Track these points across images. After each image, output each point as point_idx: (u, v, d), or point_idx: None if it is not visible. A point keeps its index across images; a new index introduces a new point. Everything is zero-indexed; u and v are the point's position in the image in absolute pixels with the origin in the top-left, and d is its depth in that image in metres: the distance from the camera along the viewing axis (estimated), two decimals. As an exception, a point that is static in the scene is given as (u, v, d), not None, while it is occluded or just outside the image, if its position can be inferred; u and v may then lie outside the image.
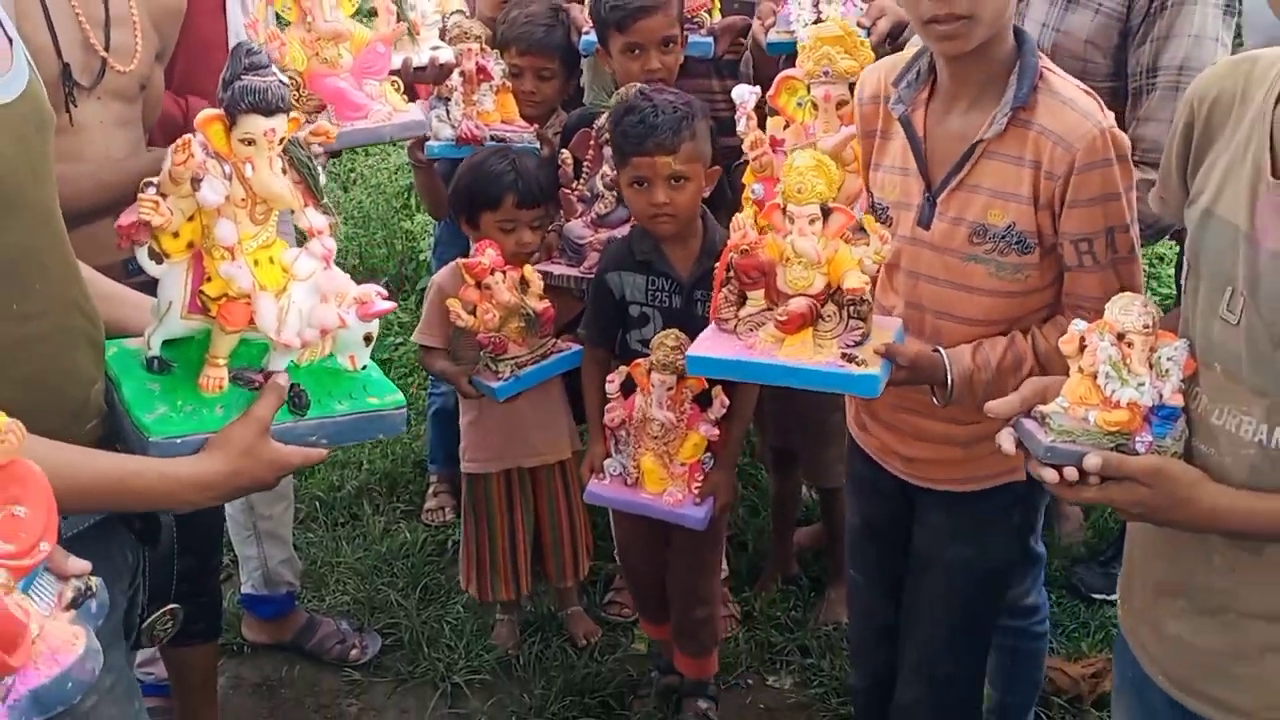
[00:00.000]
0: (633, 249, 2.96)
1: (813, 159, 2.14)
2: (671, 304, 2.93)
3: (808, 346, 2.16)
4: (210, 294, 1.65)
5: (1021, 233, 2.12)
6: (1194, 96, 1.77)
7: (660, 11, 3.10)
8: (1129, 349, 1.72)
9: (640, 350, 2.93)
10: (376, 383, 1.82)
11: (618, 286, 2.97)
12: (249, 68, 1.60)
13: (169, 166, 1.59)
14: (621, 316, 3.00)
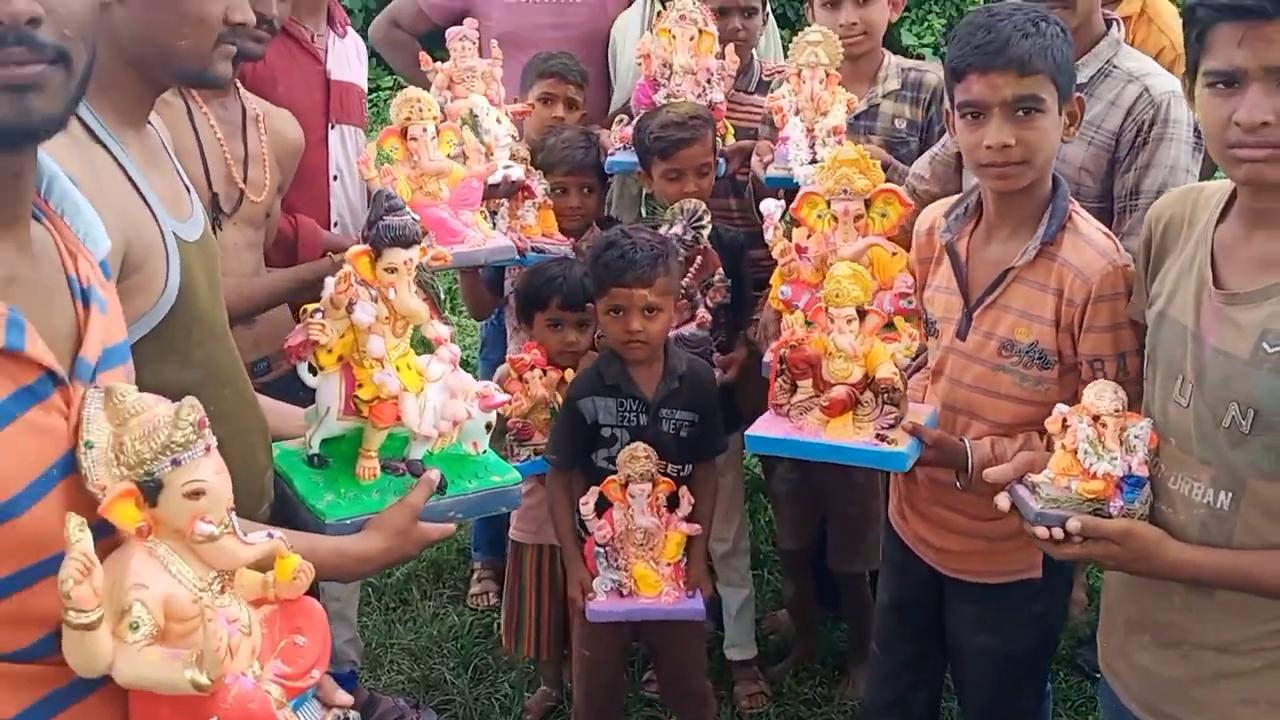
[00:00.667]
0: (602, 374, 3.12)
1: (850, 269, 2.53)
2: (638, 422, 3.09)
3: (849, 428, 2.51)
4: (363, 398, 1.98)
5: (1044, 350, 2.41)
6: (1152, 217, 2.19)
7: (698, 143, 3.42)
8: (1103, 429, 2.09)
9: (606, 468, 3.07)
10: (496, 464, 2.15)
11: (590, 411, 3.11)
12: (389, 210, 1.96)
13: (330, 294, 1.94)
14: (592, 439, 3.13)
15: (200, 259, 1.87)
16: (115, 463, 1.30)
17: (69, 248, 1.39)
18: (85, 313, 1.37)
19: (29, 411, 1.25)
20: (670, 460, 3.04)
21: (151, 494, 1.32)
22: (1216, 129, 1.89)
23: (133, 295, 1.67)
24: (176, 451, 1.32)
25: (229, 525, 1.37)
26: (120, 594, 1.29)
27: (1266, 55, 1.80)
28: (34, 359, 1.26)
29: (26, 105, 1.21)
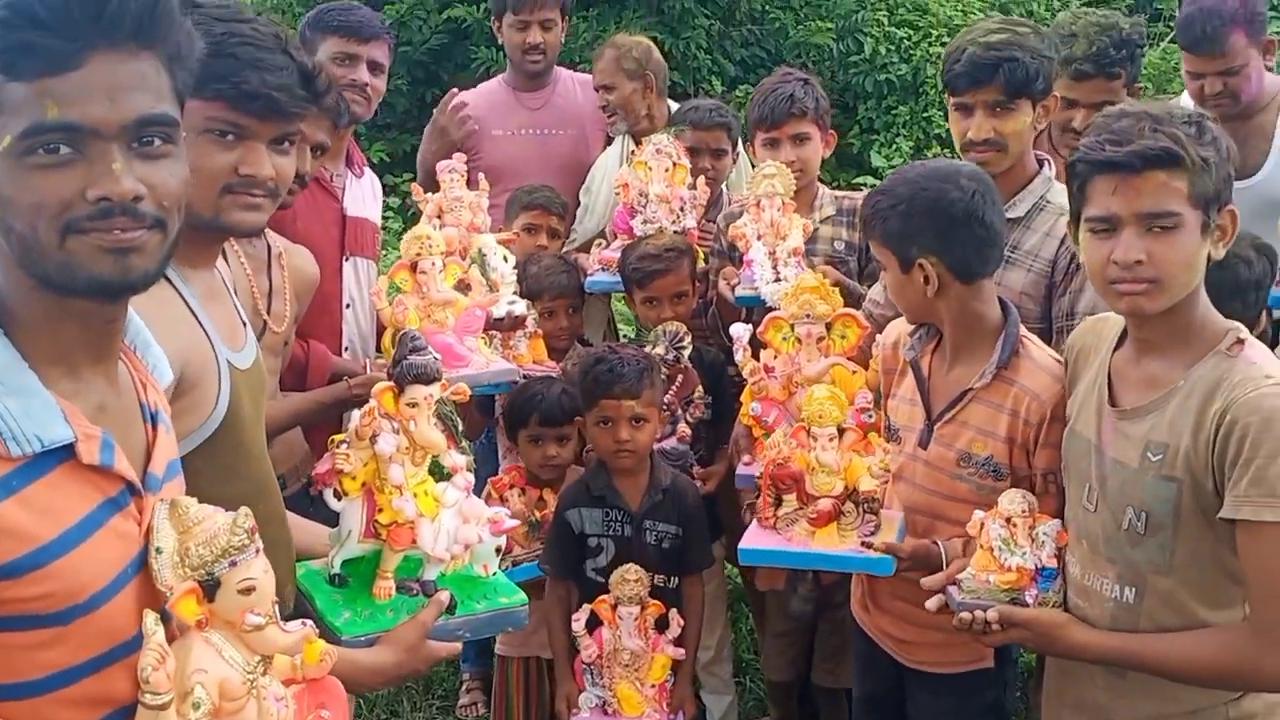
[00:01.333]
0: (589, 486, 3.28)
1: (828, 392, 2.78)
2: (623, 533, 3.23)
3: (834, 537, 2.73)
4: (382, 522, 2.15)
5: (998, 464, 2.63)
6: (1068, 347, 2.51)
7: (673, 273, 3.68)
8: (1014, 528, 2.39)
9: (595, 579, 3.22)
10: (504, 586, 2.30)
11: (577, 522, 3.26)
12: (413, 350, 2.14)
13: (356, 426, 2.11)
14: (580, 549, 3.27)
15: (248, 385, 2.07)
16: (180, 565, 1.49)
17: (141, 378, 1.60)
18: (154, 433, 1.58)
19: (112, 519, 1.45)
20: (655, 571, 3.17)
21: (210, 591, 1.51)
22: (1098, 268, 2.17)
23: (186, 413, 1.88)
24: (233, 554, 1.51)
25: (273, 616, 1.56)
26: (183, 678, 1.47)
27: (1137, 203, 2.09)
28: (119, 474, 1.46)
29: (128, 264, 1.41)
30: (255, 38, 2.01)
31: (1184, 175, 2.07)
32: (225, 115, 1.98)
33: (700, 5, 9.55)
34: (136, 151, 1.39)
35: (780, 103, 3.70)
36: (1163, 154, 2.06)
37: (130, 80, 1.38)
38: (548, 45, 4.43)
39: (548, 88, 4.56)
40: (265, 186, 2.04)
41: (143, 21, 1.38)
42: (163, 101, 1.42)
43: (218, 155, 1.99)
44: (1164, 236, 2.09)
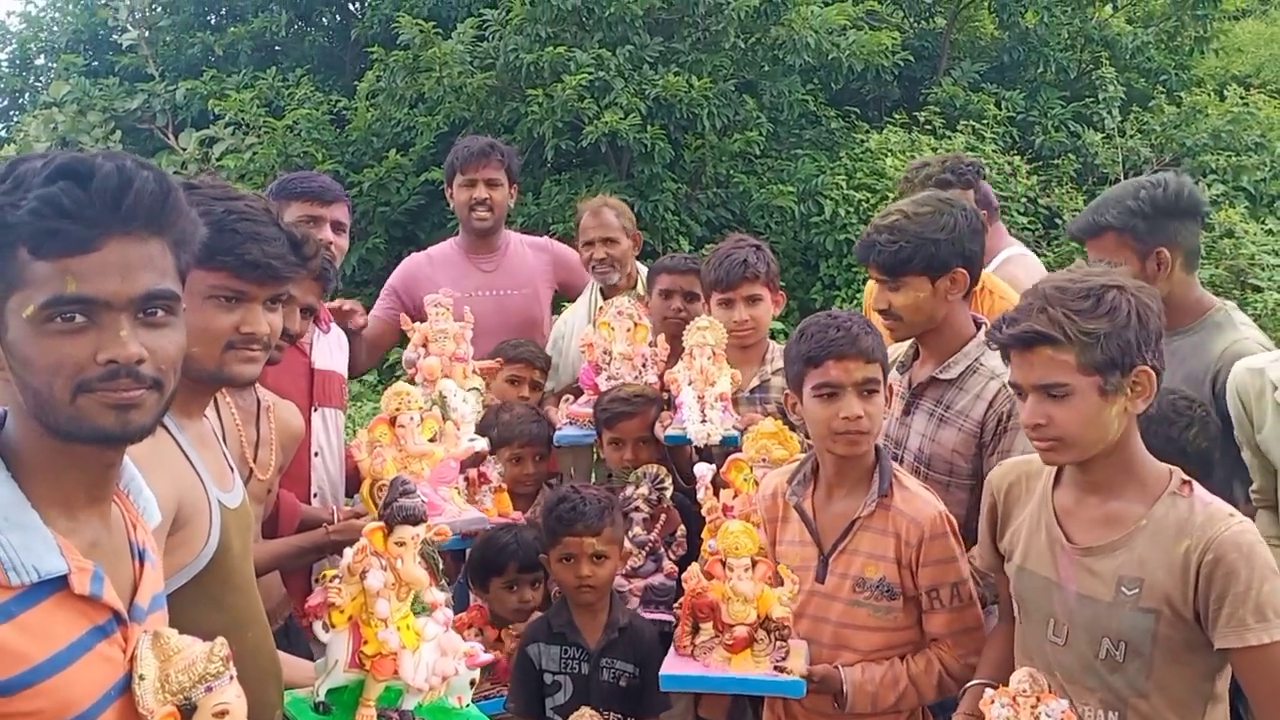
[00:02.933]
0: (550, 623, 3.41)
1: (742, 527, 2.98)
2: (580, 670, 3.29)
3: (749, 662, 2.90)
4: (367, 652, 2.30)
5: (890, 584, 2.87)
6: (993, 485, 2.71)
7: (638, 417, 3.90)
8: (1018, 707, 2.47)
9: (554, 718, 3.31)
10: (474, 716, 2.44)
11: (536, 658, 3.33)
12: (403, 493, 2.33)
13: (348, 563, 2.28)
14: (539, 685, 3.32)
15: (236, 523, 2.25)
16: (161, 690, 1.64)
17: (132, 519, 1.79)
18: (140, 569, 1.75)
19: (99, 645, 1.61)
20: (613, 711, 3.26)
21: (188, 714, 1.66)
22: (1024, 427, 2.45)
23: (180, 548, 2.08)
24: (209, 680, 1.67)
25: None
26: None
27: (1031, 375, 2.37)
28: (107, 604, 1.63)
29: (128, 419, 1.62)
30: (251, 213, 2.26)
31: (1069, 349, 2.31)
32: (229, 283, 2.23)
33: (668, 170, 9.97)
34: (142, 321, 1.61)
35: (735, 267, 3.96)
36: (1038, 336, 2.33)
37: (140, 261, 1.60)
38: (494, 203, 4.68)
39: (499, 250, 4.82)
40: (262, 341, 2.27)
41: (154, 213, 1.61)
42: (167, 278, 1.64)
43: (222, 317, 2.22)
44: (1059, 403, 2.34)
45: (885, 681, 2.86)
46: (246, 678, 2.21)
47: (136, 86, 11.46)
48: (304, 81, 11.15)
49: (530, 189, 9.86)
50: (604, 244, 4.54)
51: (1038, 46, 11.68)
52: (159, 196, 1.61)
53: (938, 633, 2.88)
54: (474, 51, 9.82)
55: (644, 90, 9.55)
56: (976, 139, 10.64)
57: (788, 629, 2.92)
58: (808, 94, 10.84)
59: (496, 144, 4.77)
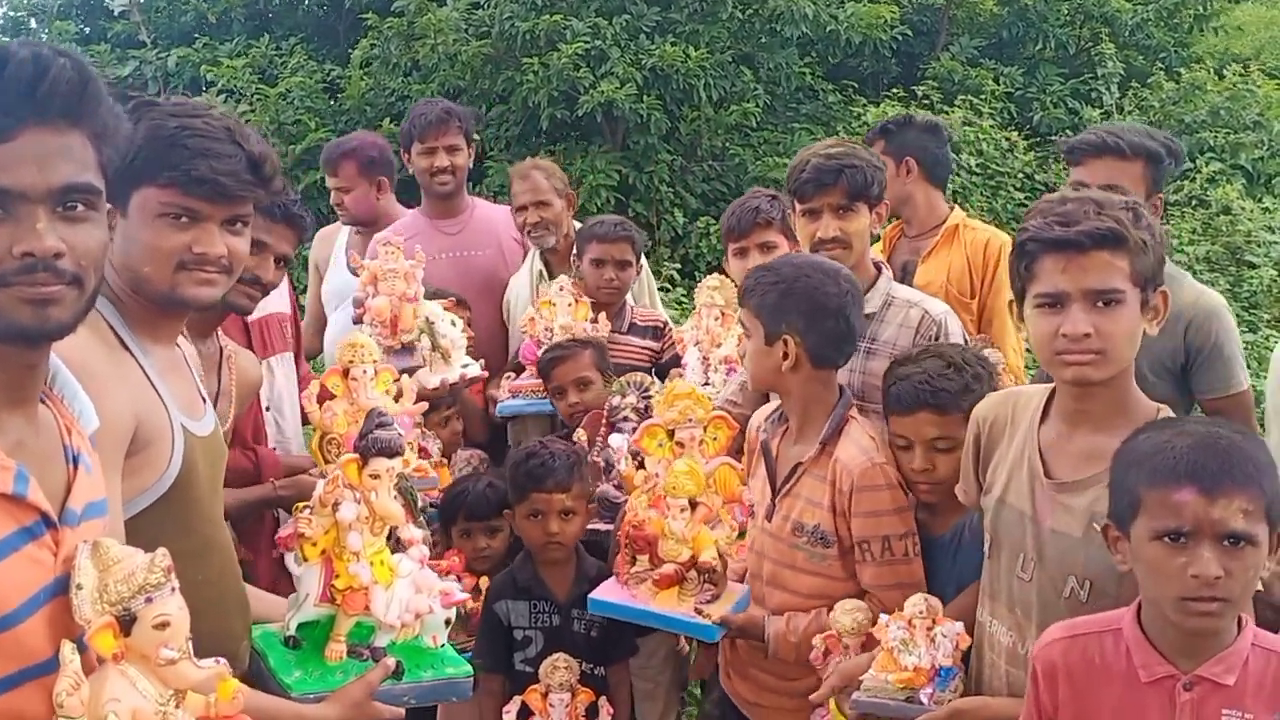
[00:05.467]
0: (515, 578, 3.39)
1: (688, 467, 2.95)
2: (551, 623, 3.35)
3: (674, 599, 2.93)
4: (338, 587, 2.26)
5: (824, 531, 2.84)
6: (978, 417, 2.59)
7: (572, 360, 3.89)
8: (913, 629, 2.51)
9: (525, 670, 3.30)
10: (452, 658, 2.41)
11: (505, 615, 3.37)
12: (378, 425, 2.28)
13: (319, 493, 2.24)
14: (509, 641, 3.33)
15: (204, 451, 2.21)
16: (99, 600, 1.59)
17: (66, 423, 1.73)
18: (74, 472, 1.70)
19: (26, 546, 1.56)
20: (585, 660, 3.25)
21: (127, 625, 1.60)
22: (1045, 340, 2.28)
23: (142, 469, 2.04)
24: (150, 591, 1.61)
25: (186, 651, 1.65)
26: (97, 706, 1.56)
27: (1084, 280, 2.21)
28: (33, 504, 1.58)
29: (46, 315, 1.57)
30: (205, 130, 2.18)
31: (1126, 255, 2.20)
32: (178, 200, 2.15)
33: (663, 141, 9.89)
34: (60, 215, 1.56)
35: (746, 214, 3.92)
36: (1109, 234, 2.19)
37: (58, 152, 1.56)
38: (455, 167, 4.65)
39: (464, 213, 4.78)
40: (218, 264, 2.19)
41: (72, 102, 1.56)
42: (87, 172, 1.60)
43: (172, 236, 2.15)
44: (1108, 311, 2.20)
45: (808, 631, 2.82)
46: (213, 606, 2.18)
47: (128, 53, 11.32)
48: (297, 50, 11.03)
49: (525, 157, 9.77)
50: (536, 207, 4.49)
51: (1037, 22, 11.60)
52: (76, 85, 1.56)
53: (867, 585, 2.84)
54: (469, 19, 9.73)
55: (640, 60, 9.47)
56: (974, 114, 10.59)
57: (717, 574, 2.92)
58: (805, 67, 10.77)
59: (453, 108, 4.74)
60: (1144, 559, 2.03)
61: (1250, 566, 1.96)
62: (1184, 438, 2.02)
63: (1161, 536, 1.98)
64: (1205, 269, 8.89)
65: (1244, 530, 1.94)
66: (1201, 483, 1.95)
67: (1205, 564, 1.93)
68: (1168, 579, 1.98)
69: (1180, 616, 1.98)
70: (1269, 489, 1.97)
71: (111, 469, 1.94)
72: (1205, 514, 1.94)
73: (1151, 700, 2.06)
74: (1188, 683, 2.03)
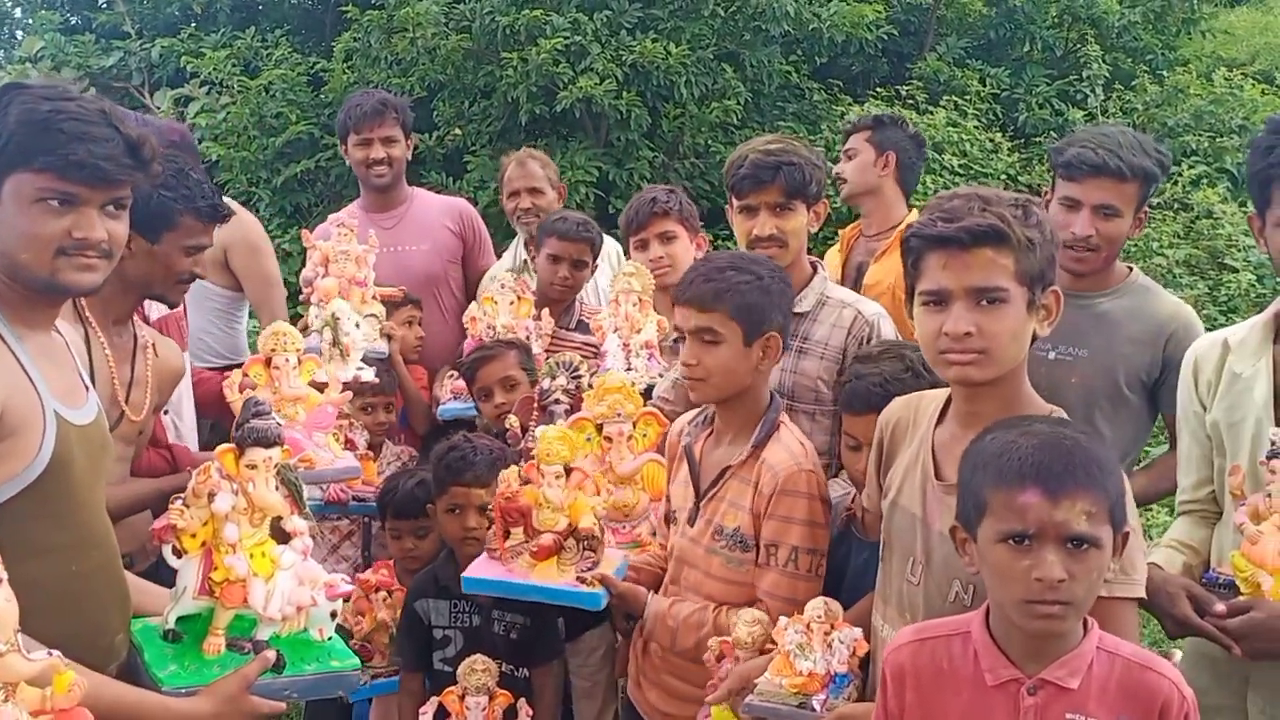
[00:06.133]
0: (437, 576, 3.37)
1: (559, 432, 2.95)
2: (471, 623, 3.32)
3: (553, 570, 2.89)
4: (216, 579, 2.23)
5: (744, 535, 2.81)
6: (882, 422, 2.56)
7: (498, 360, 3.89)
8: (810, 633, 2.46)
9: (444, 670, 3.28)
10: (339, 650, 2.38)
11: (425, 613, 3.35)
12: (255, 414, 2.26)
13: (193, 484, 2.21)
14: (429, 640, 3.36)
15: (83, 440, 2.18)
16: None
17: None
18: None
19: None
20: (505, 661, 3.20)
21: None
22: (930, 338, 2.25)
23: (8, 457, 2.03)
24: None
25: (14, 644, 1.62)
26: None
27: (966, 278, 2.18)
28: None
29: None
30: (80, 113, 2.15)
31: (1010, 253, 2.16)
32: (55, 185, 2.12)
33: (645, 138, 9.84)
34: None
35: (644, 205, 4.01)
36: (989, 231, 2.16)
37: None
38: (392, 159, 4.67)
39: (402, 206, 4.79)
40: (98, 248, 2.17)
41: None
42: None
43: (51, 221, 2.13)
44: (991, 310, 2.18)
45: (689, 622, 2.79)
46: (87, 599, 2.15)
47: (113, 44, 11.28)
48: (282, 42, 10.99)
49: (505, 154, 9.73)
50: (530, 194, 4.55)
51: (1024, 24, 11.51)
52: None
53: (762, 591, 2.77)
54: (449, 13, 9.67)
55: (621, 56, 9.41)
56: (959, 114, 10.52)
57: (596, 540, 2.87)
58: (790, 65, 10.70)
59: (389, 100, 4.75)
60: (989, 561, 2.00)
61: (1094, 569, 1.95)
62: (1029, 438, 1.99)
63: (1006, 539, 1.96)
64: (1185, 272, 8.84)
65: (1087, 533, 1.92)
66: (1045, 485, 1.93)
67: (1049, 566, 1.91)
68: (1012, 581, 1.95)
69: (1024, 619, 1.96)
70: (1113, 490, 1.96)
71: None
72: (1049, 516, 1.92)
73: (997, 704, 2.03)
74: (1032, 686, 2.01)
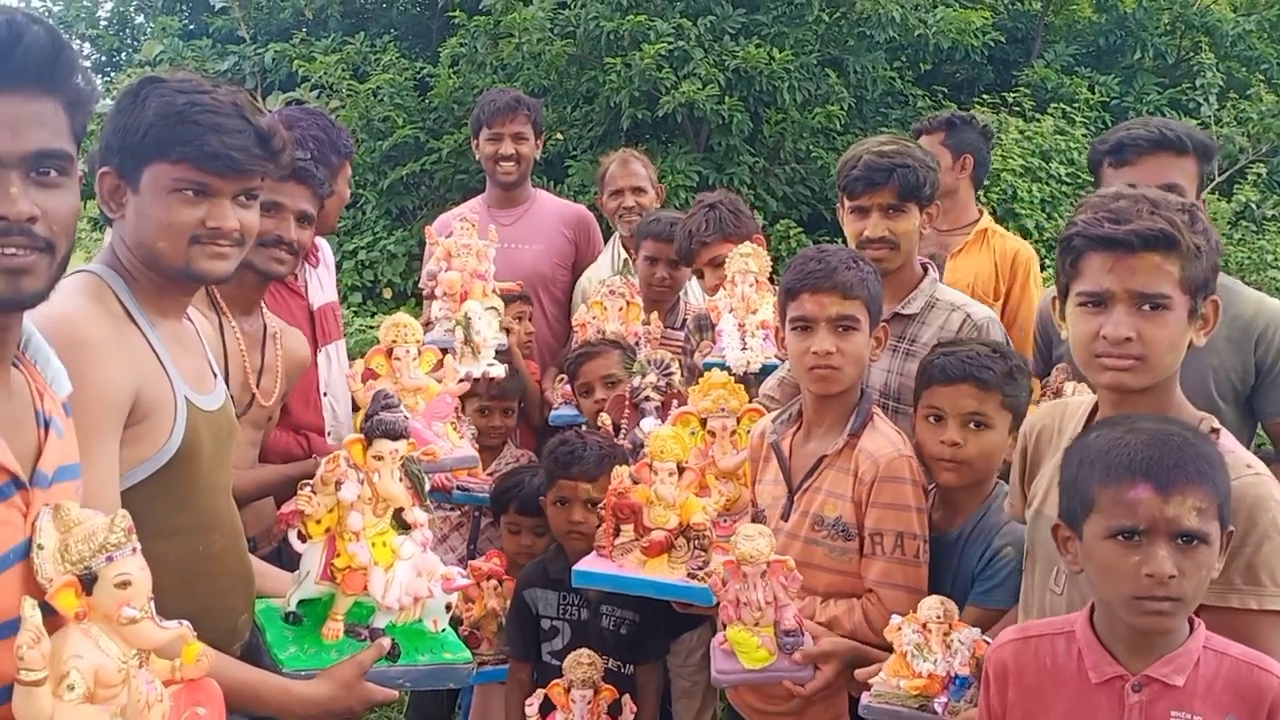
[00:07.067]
0: (547, 568, 3.41)
1: (672, 431, 2.96)
2: (579, 616, 3.35)
3: (664, 567, 2.91)
4: (338, 566, 2.28)
5: (846, 524, 2.80)
6: (1026, 429, 2.53)
7: (601, 358, 3.94)
8: (929, 634, 2.42)
9: (550, 663, 3.32)
10: (452, 643, 2.42)
11: (533, 603, 3.40)
12: (384, 407, 2.31)
13: (321, 472, 2.27)
14: (537, 630, 3.40)
15: (210, 426, 2.25)
16: (60, 560, 1.64)
17: (39, 387, 1.77)
18: (45, 436, 1.73)
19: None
20: (611, 657, 3.23)
21: (88, 584, 1.65)
22: (1085, 340, 2.20)
23: (140, 440, 2.09)
24: (110, 550, 1.65)
25: (148, 611, 1.68)
26: (59, 663, 1.60)
27: (1130, 281, 2.12)
28: (3, 465, 1.61)
29: (20, 284, 1.61)
30: (214, 105, 2.22)
31: (1177, 259, 2.12)
32: (190, 175, 2.19)
33: (746, 143, 9.84)
34: (34, 180, 1.60)
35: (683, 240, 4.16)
36: (1160, 236, 2.11)
37: (31, 118, 1.60)
38: (520, 156, 4.74)
39: (523, 205, 4.87)
40: (231, 237, 2.24)
41: (44, 69, 1.60)
42: (60, 139, 1.64)
43: (186, 211, 2.20)
44: (1153, 316, 2.13)
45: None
46: (211, 580, 2.22)
47: (228, 49, 11.59)
48: (390, 47, 11.19)
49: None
50: (633, 193, 4.60)
51: (1135, 31, 11.28)
52: (50, 52, 1.60)
53: (872, 580, 2.77)
54: (555, 19, 9.77)
55: (723, 61, 9.42)
56: (1066, 122, 10.35)
57: (707, 538, 2.87)
58: (894, 71, 10.62)
59: (522, 97, 4.82)
60: (1096, 558, 1.99)
61: (1203, 565, 1.93)
62: (1137, 435, 1.98)
63: (1115, 535, 1.95)
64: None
65: (1198, 528, 1.90)
66: (1156, 480, 1.91)
67: (1159, 562, 1.89)
68: (1121, 578, 1.94)
69: (1133, 616, 1.95)
70: (1221, 487, 1.94)
71: (108, 438, 1.99)
72: (1159, 511, 1.90)
73: (1101, 702, 2.01)
74: (1136, 683, 1.99)
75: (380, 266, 9.93)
